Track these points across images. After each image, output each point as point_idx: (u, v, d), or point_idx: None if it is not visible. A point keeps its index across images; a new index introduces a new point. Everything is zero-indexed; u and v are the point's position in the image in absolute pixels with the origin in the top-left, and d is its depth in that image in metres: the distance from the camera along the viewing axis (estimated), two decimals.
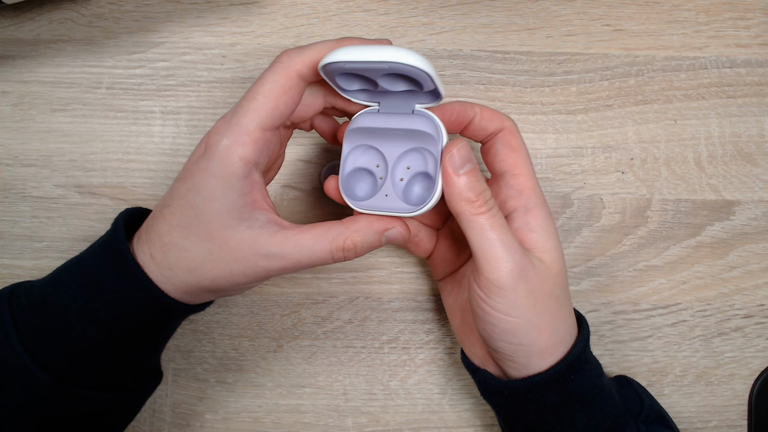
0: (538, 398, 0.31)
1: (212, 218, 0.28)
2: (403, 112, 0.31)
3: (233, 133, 0.28)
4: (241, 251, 0.29)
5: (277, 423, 0.40)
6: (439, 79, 0.29)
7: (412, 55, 0.27)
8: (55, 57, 0.42)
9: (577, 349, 0.31)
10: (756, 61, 0.43)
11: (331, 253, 0.29)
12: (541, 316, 0.30)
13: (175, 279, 0.29)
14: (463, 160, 0.29)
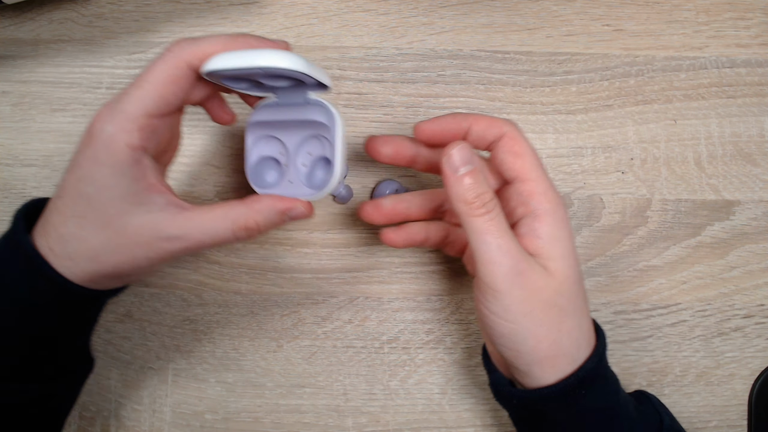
0: (546, 411, 0.31)
1: (107, 206, 0.28)
2: (298, 102, 0.32)
3: (118, 120, 0.27)
4: (141, 236, 0.28)
5: (277, 423, 0.40)
6: (319, 72, 0.29)
7: (284, 57, 0.28)
8: (55, 57, 0.42)
9: (590, 363, 0.30)
10: (756, 61, 0.43)
11: (233, 233, 0.30)
12: (538, 325, 0.30)
13: (77, 269, 0.29)
14: (462, 161, 0.30)
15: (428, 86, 0.42)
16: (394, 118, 0.42)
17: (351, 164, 0.42)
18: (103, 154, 0.28)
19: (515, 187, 0.32)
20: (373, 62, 0.42)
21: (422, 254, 0.41)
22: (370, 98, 0.42)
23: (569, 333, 0.30)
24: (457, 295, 0.41)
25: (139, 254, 0.29)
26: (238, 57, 0.28)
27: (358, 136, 0.42)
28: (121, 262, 0.29)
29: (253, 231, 0.30)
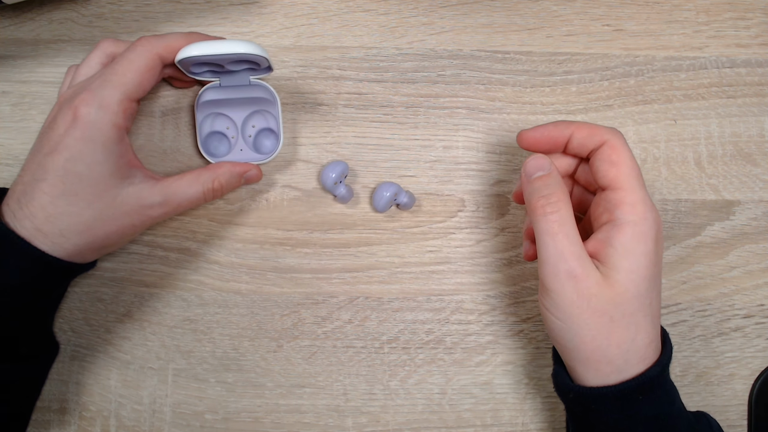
0: (601, 410, 0.31)
1: (98, 181, 0.31)
2: (242, 84, 0.39)
3: (106, 104, 0.31)
4: (128, 205, 0.33)
5: (277, 423, 0.40)
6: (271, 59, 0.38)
7: (251, 45, 0.35)
8: (55, 57, 0.42)
9: (652, 371, 0.31)
10: (756, 61, 0.43)
11: (203, 194, 0.35)
12: (585, 328, 0.30)
13: (68, 243, 0.31)
14: (534, 168, 0.33)
15: (428, 86, 0.42)
16: (394, 118, 0.42)
17: (352, 165, 0.42)
18: (94, 133, 0.31)
19: (606, 194, 0.32)
20: (373, 62, 0.42)
21: (422, 254, 0.41)
22: (370, 98, 0.42)
23: (618, 345, 0.31)
24: (457, 295, 0.41)
25: (127, 222, 0.33)
26: (218, 45, 0.34)
27: (359, 136, 0.42)
28: (111, 231, 0.33)
29: (217, 191, 0.36)
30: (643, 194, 0.31)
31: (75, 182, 0.31)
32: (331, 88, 0.42)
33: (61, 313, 0.40)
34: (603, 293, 0.30)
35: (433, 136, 0.42)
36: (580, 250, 0.30)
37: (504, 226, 0.42)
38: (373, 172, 0.42)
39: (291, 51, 0.42)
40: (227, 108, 0.40)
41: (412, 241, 0.41)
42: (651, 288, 0.31)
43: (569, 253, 0.30)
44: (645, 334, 0.31)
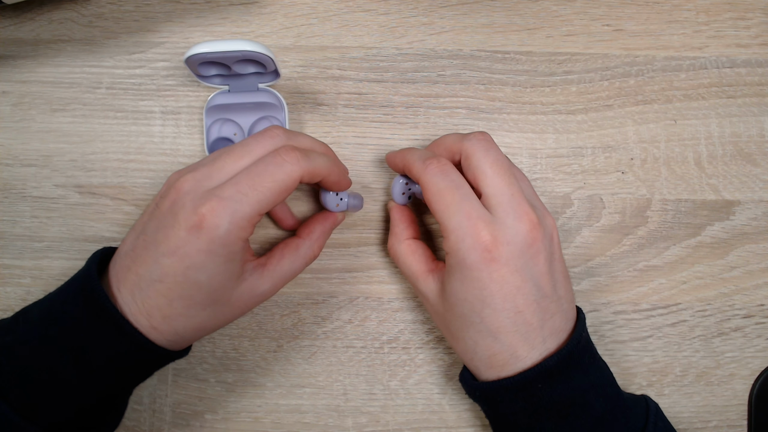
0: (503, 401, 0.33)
1: (217, 288, 0.31)
2: (250, 90, 0.40)
3: (237, 220, 0.29)
4: (241, 301, 0.33)
5: (277, 423, 0.40)
6: (278, 62, 0.38)
7: (257, 45, 0.35)
8: (55, 57, 0.42)
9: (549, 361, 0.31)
10: (756, 61, 0.43)
11: (305, 264, 0.36)
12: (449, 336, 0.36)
13: (182, 341, 0.32)
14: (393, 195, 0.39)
15: (428, 86, 0.42)
16: (394, 118, 0.42)
17: (352, 164, 0.42)
18: (219, 248, 0.30)
19: None
20: (373, 62, 0.42)
21: None
22: (370, 98, 0.42)
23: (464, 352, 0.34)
24: None
25: (237, 314, 0.33)
26: (223, 44, 0.35)
27: (359, 136, 0.42)
28: (221, 325, 0.33)
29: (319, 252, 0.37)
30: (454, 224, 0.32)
31: (194, 289, 0.30)
32: (331, 88, 0.42)
33: None
34: (438, 309, 0.35)
35: (433, 136, 0.42)
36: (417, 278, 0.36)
37: None
38: (373, 172, 0.42)
39: (291, 51, 0.42)
40: (235, 113, 0.40)
41: None
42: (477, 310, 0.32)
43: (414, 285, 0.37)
44: (484, 348, 0.33)
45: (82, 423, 0.31)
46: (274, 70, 0.38)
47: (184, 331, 0.31)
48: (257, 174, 0.30)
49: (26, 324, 0.31)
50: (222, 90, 0.40)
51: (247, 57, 0.36)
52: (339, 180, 0.34)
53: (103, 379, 0.31)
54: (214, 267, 0.30)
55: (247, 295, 0.33)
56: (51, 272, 0.40)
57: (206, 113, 0.40)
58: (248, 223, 0.30)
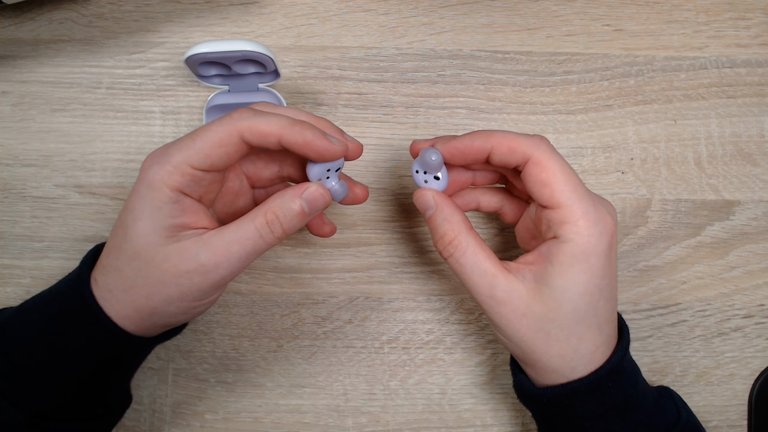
0: (574, 405, 0.31)
1: (139, 235, 0.29)
2: (250, 90, 0.40)
3: (163, 164, 0.29)
4: (168, 262, 0.29)
5: (277, 423, 0.40)
6: (278, 62, 0.38)
7: (257, 45, 0.35)
8: (55, 57, 0.42)
9: (615, 357, 0.31)
10: (756, 61, 0.43)
11: (257, 231, 0.29)
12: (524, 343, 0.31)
13: (114, 301, 0.30)
14: (422, 207, 0.33)
15: (428, 86, 0.42)
16: (394, 118, 0.42)
17: (351, 165, 0.42)
18: (146, 189, 0.29)
19: (546, 213, 0.31)
20: (373, 62, 0.42)
21: (422, 254, 0.41)
22: (370, 98, 0.42)
23: (560, 356, 0.31)
24: (457, 295, 0.41)
25: (167, 279, 0.29)
26: (223, 44, 0.35)
27: (359, 136, 0.42)
28: (152, 293, 0.29)
29: (274, 224, 0.30)
30: (584, 207, 0.30)
31: (121, 234, 0.29)
32: (331, 88, 0.42)
33: None
34: (535, 311, 0.30)
35: (432, 136, 0.42)
36: (495, 277, 0.31)
37: (504, 226, 0.42)
38: (373, 172, 0.42)
39: (291, 51, 0.42)
40: None
41: (412, 241, 0.41)
42: (594, 301, 0.30)
43: (485, 285, 0.31)
44: (590, 343, 0.31)
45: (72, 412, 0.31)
46: (274, 70, 0.38)
47: (114, 287, 0.29)
48: (200, 129, 0.30)
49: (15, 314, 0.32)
50: (222, 90, 0.40)
51: (247, 57, 0.36)
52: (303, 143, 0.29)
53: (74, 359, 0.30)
54: (140, 211, 0.29)
55: (177, 258, 0.29)
56: (51, 272, 0.40)
57: (206, 113, 0.40)
58: (175, 169, 0.29)
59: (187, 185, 0.29)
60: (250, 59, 0.37)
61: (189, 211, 0.30)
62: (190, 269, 0.29)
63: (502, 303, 0.31)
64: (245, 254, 0.29)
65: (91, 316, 0.30)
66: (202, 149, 0.29)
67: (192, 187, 0.29)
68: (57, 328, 0.30)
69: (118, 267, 0.29)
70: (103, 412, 0.33)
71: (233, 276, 0.30)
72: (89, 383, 0.31)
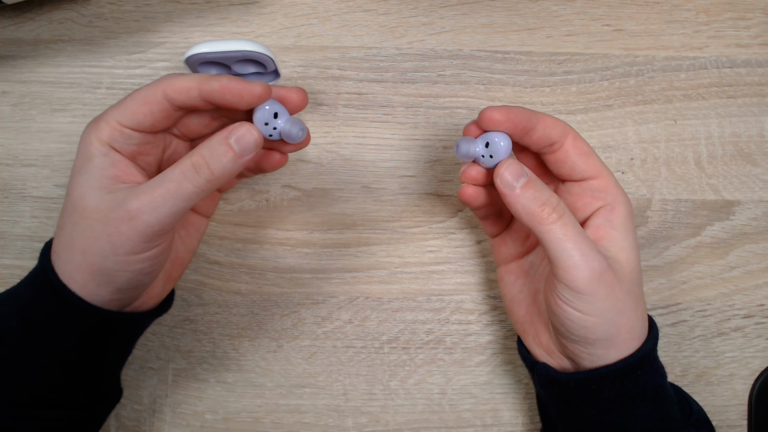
0: (602, 389, 0.32)
1: (74, 189, 0.30)
2: None
3: (96, 121, 0.30)
4: (99, 212, 0.29)
5: (277, 423, 0.40)
6: (278, 62, 0.38)
7: (257, 45, 0.36)
8: (55, 57, 0.42)
9: (647, 346, 0.32)
10: (756, 61, 0.43)
11: (182, 173, 0.28)
12: (620, 315, 0.31)
13: (60, 262, 0.30)
14: (514, 176, 0.31)
15: (428, 86, 0.42)
16: (394, 118, 0.42)
17: (351, 165, 0.42)
18: (81, 147, 0.30)
19: (588, 183, 0.33)
20: (373, 62, 0.42)
21: (422, 254, 0.41)
22: (370, 98, 0.42)
23: (640, 317, 0.32)
24: (457, 295, 0.41)
25: (98, 230, 0.28)
26: (224, 44, 0.35)
27: (359, 136, 0.42)
28: (92, 246, 0.29)
29: (202, 167, 0.29)
30: (614, 178, 0.33)
31: (66, 196, 0.31)
32: (331, 88, 0.42)
33: None
34: (624, 275, 0.31)
35: (433, 136, 0.42)
36: (594, 246, 0.31)
37: None
38: (373, 172, 0.42)
39: (291, 51, 0.42)
40: None
41: (412, 241, 0.41)
42: (640, 264, 0.33)
43: (593, 253, 0.30)
44: (644, 305, 0.33)
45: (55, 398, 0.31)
46: (274, 70, 0.38)
47: (59, 247, 0.30)
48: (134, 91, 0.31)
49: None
50: None
51: (247, 57, 0.36)
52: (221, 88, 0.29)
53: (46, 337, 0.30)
54: (77, 168, 0.30)
55: (107, 208, 0.28)
56: None
57: None
58: (105, 124, 0.30)
59: (116, 140, 0.30)
60: (250, 59, 0.37)
61: (120, 165, 0.30)
62: (116, 216, 0.28)
63: (604, 274, 0.30)
64: (170, 198, 0.28)
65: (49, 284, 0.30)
66: (128, 107, 0.30)
67: (121, 143, 0.30)
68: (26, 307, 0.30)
69: (61, 225, 0.30)
70: (87, 401, 0.32)
71: (163, 226, 0.29)
72: (71, 367, 0.31)
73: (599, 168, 0.33)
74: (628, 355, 0.31)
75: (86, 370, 0.32)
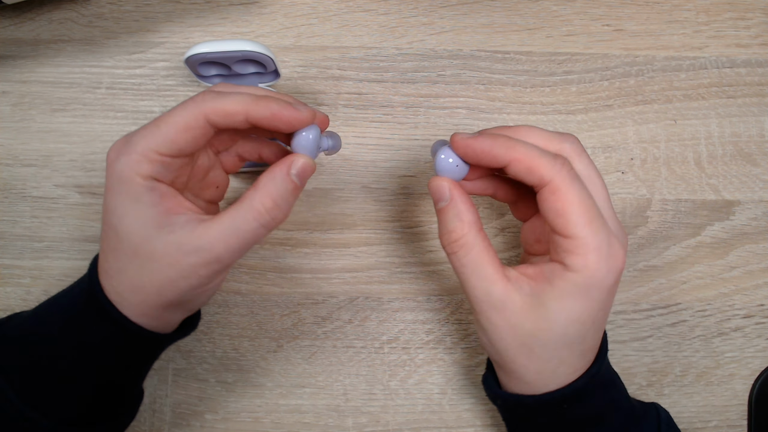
0: (528, 415, 0.32)
1: (131, 234, 0.28)
2: None
3: (129, 153, 0.28)
4: (169, 256, 0.28)
5: (277, 423, 0.40)
6: (278, 62, 0.38)
7: (257, 45, 0.36)
8: (55, 57, 0.42)
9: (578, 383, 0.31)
10: (756, 61, 0.43)
11: (256, 220, 0.28)
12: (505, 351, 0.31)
13: (127, 303, 0.29)
14: (436, 196, 0.31)
15: (428, 86, 0.42)
16: (394, 118, 0.42)
17: (351, 165, 0.42)
18: (117, 184, 0.28)
19: (556, 237, 0.29)
20: (373, 62, 0.42)
21: (422, 254, 0.41)
22: (370, 98, 0.42)
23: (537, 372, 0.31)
24: (457, 295, 0.41)
25: (174, 275, 0.28)
26: (223, 44, 0.35)
27: (359, 136, 0.42)
28: (161, 287, 0.29)
29: (273, 209, 0.29)
30: (598, 241, 0.28)
31: (113, 236, 0.29)
32: (331, 88, 0.42)
33: None
34: (524, 325, 0.30)
35: (433, 136, 0.42)
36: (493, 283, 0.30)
37: (504, 226, 0.42)
38: (373, 172, 0.42)
39: (291, 51, 0.42)
40: None
41: (412, 241, 0.41)
42: (585, 330, 0.29)
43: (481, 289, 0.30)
44: (568, 367, 0.31)
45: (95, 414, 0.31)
46: (274, 70, 0.38)
47: (123, 289, 0.29)
48: (164, 114, 0.29)
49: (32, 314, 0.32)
50: None
51: (247, 57, 0.36)
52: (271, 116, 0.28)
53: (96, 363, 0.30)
54: (122, 208, 0.28)
55: (176, 250, 0.28)
56: (51, 272, 0.40)
57: None
58: (142, 157, 0.28)
59: (158, 172, 0.28)
60: (250, 59, 0.37)
61: (167, 197, 0.29)
62: (194, 263, 0.28)
63: (494, 309, 0.30)
64: (246, 243, 0.29)
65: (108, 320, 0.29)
66: (168, 135, 0.28)
67: (163, 173, 0.29)
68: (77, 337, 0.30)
69: (120, 269, 0.29)
70: (124, 410, 0.33)
71: (235, 260, 0.29)
72: (113, 384, 0.31)
73: (570, 231, 0.28)
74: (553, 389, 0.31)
75: (128, 383, 0.33)
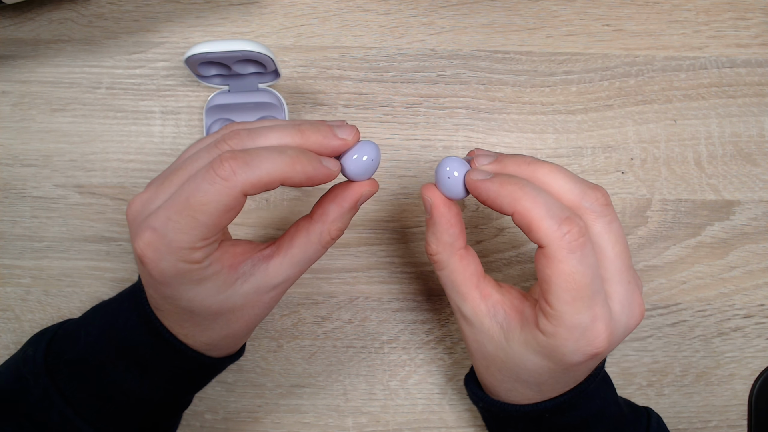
0: (508, 421, 0.33)
1: (207, 307, 0.28)
2: (250, 90, 0.40)
3: (172, 252, 0.26)
4: (251, 301, 0.29)
5: (277, 423, 0.40)
6: (278, 62, 0.38)
7: (257, 45, 0.36)
8: (55, 57, 0.42)
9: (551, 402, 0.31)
10: (756, 61, 0.43)
11: (324, 247, 0.30)
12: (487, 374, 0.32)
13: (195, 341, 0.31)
14: (427, 206, 0.31)
15: (428, 86, 0.42)
16: (394, 118, 0.42)
17: None
18: (173, 279, 0.27)
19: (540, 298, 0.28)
20: (373, 62, 0.42)
21: (422, 254, 0.41)
22: (370, 98, 0.42)
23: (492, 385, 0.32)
24: None
25: (258, 313, 0.30)
26: (223, 44, 0.35)
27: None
28: (250, 326, 0.31)
29: (338, 235, 0.30)
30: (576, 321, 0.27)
31: (187, 313, 0.29)
32: (331, 88, 0.42)
33: (62, 313, 0.40)
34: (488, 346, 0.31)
35: (433, 136, 0.42)
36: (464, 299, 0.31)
37: (504, 227, 0.42)
38: None
39: (291, 51, 0.42)
40: (235, 113, 0.41)
41: (412, 241, 0.41)
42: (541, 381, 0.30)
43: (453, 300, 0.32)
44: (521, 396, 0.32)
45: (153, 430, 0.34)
46: (274, 70, 0.38)
47: (210, 341, 0.31)
48: (188, 195, 0.25)
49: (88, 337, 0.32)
50: (222, 90, 0.40)
51: (247, 57, 0.36)
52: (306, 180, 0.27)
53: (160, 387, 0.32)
54: (188, 294, 0.27)
55: (257, 294, 0.29)
56: (51, 272, 0.40)
57: (206, 113, 0.40)
58: (189, 251, 0.26)
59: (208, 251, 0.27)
60: (250, 59, 0.37)
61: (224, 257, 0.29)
62: (274, 296, 0.30)
63: (465, 320, 0.31)
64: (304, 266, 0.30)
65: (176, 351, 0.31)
66: (209, 223, 0.26)
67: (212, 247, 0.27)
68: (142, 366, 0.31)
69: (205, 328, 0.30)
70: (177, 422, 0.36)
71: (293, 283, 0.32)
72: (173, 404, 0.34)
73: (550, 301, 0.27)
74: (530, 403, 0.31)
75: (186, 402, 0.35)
